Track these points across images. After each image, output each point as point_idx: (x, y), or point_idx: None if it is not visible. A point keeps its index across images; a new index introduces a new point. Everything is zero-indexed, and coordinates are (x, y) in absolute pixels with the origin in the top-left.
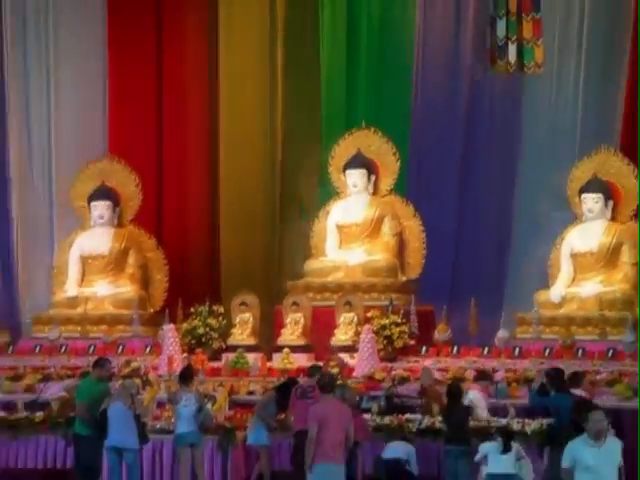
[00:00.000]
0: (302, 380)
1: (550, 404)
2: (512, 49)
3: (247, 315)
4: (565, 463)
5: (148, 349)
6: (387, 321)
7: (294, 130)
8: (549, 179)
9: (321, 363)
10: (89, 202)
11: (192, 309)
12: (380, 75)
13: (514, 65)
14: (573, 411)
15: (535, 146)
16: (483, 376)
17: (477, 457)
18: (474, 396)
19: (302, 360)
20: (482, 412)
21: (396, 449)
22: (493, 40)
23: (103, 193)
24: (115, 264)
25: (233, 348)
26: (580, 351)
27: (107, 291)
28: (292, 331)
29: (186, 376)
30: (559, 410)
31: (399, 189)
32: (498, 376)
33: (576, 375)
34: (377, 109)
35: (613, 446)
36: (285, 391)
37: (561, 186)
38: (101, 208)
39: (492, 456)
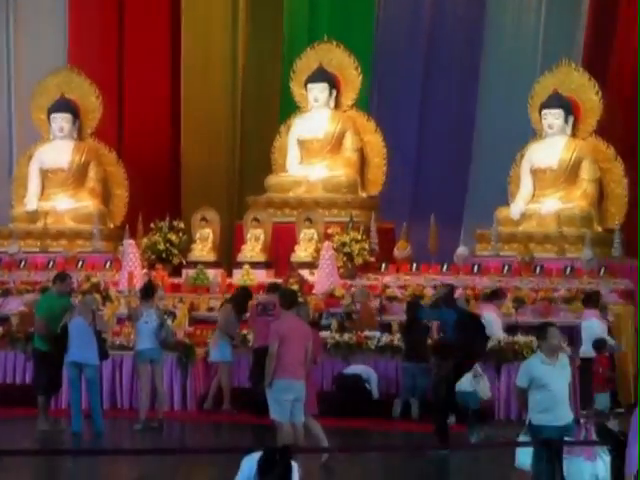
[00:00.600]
0: (262, 297)
1: (438, 318)
2: None
3: (207, 231)
4: (521, 382)
5: (108, 264)
6: (347, 238)
7: (256, 45)
8: (511, 95)
9: (281, 280)
10: (48, 115)
11: (152, 224)
12: None
13: None
14: (458, 327)
15: (497, 61)
16: (495, 295)
17: None
18: (489, 317)
19: (262, 276)
20: (498, 332)
21: (357, 368)
22: None
23: (63, 105)
24: (75, 178)
25: (193, 264)
26: (538, 268)
27: (67, 205)
28: (252, 247)
29: (147, 292)
30: (444, 324)
31: (362, 103)
32: (457, 293)
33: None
34: (340, 23)
35: (565, 362)
36: (240, 301)
37: (523, 103)
38: (61, 120)
39: None
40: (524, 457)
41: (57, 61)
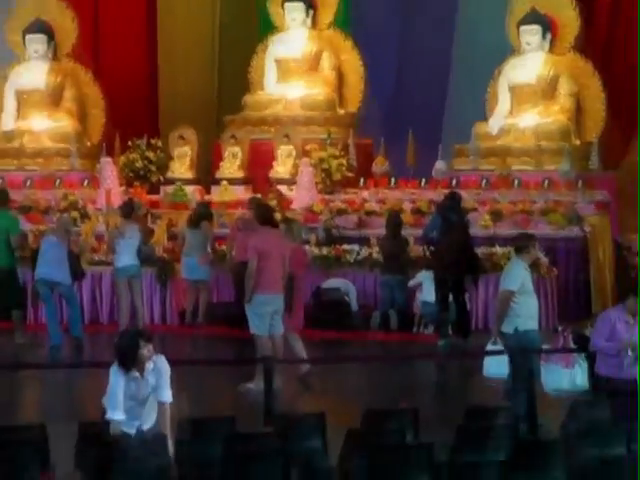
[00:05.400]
0: (242, 212)
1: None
2: None
3: (185, 149)
4: (514, 285)
5: (86, 183)
6: (325, 154)
7: None
8: (489, 12)
9: (260, 195)
10: (24, 36)
11: (130, 143)
12: None
13: None
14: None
15: None
16: None
17: (412, 282)
18: None
19: (240, 193)
20: None
21: (337, 282)
22: None
23: (38, 27)
24: (51, 98)
25: (171, 181)
26: (516, 182)
27: (44, 125)
28: (230, 164)
29: (128, 210)
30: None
31: (341, 22)
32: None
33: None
34: None
35: None
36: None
37: (502, 20)
38: (36, 42)
39: (427, 284)
40: (494, 366)
41: None
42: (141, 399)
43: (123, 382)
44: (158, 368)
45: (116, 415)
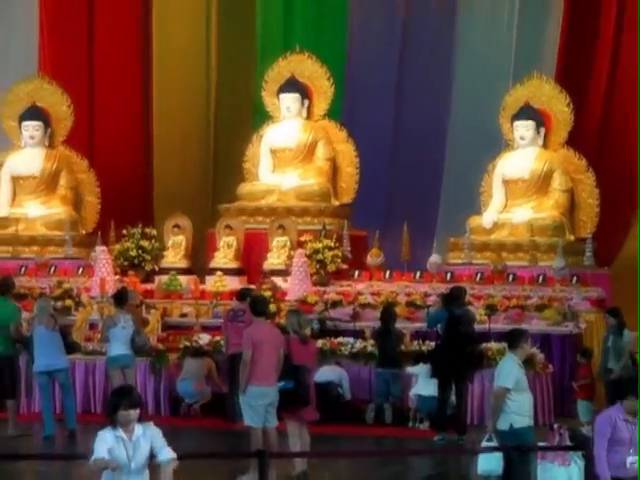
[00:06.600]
0: (234, 303)
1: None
2: None
3: (180, 238)
4: (508, 382)
5: (80, 270)
6: (320, 245)
7: (229, 53)
8: (483, 106)
9: (253, 286)
10: (20, 122)
11: (125, 231)
12: None
13: None
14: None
15: (469, 71)
16: None
17: (409, 370)
18: None
19: (234, 283)
20: None
21: (328, 373)
22: None
23: (34, 113)
24: (46, 185)
25: (166, 270)
26: (511, 276)
27: (38, 212)
28: (225, 254)
29: (121, 298)
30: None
31: (334, 114)
32: (430, 301)
33: None
34: (313, 35)
35: None
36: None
37: (495, 114)
38: (32, 128)
39: (422, 378)
40: (488, 463)
41: (29, 69)
42: (129, 465)
43: (110, 438)
44: (150, 432)
45: (98, 454)
